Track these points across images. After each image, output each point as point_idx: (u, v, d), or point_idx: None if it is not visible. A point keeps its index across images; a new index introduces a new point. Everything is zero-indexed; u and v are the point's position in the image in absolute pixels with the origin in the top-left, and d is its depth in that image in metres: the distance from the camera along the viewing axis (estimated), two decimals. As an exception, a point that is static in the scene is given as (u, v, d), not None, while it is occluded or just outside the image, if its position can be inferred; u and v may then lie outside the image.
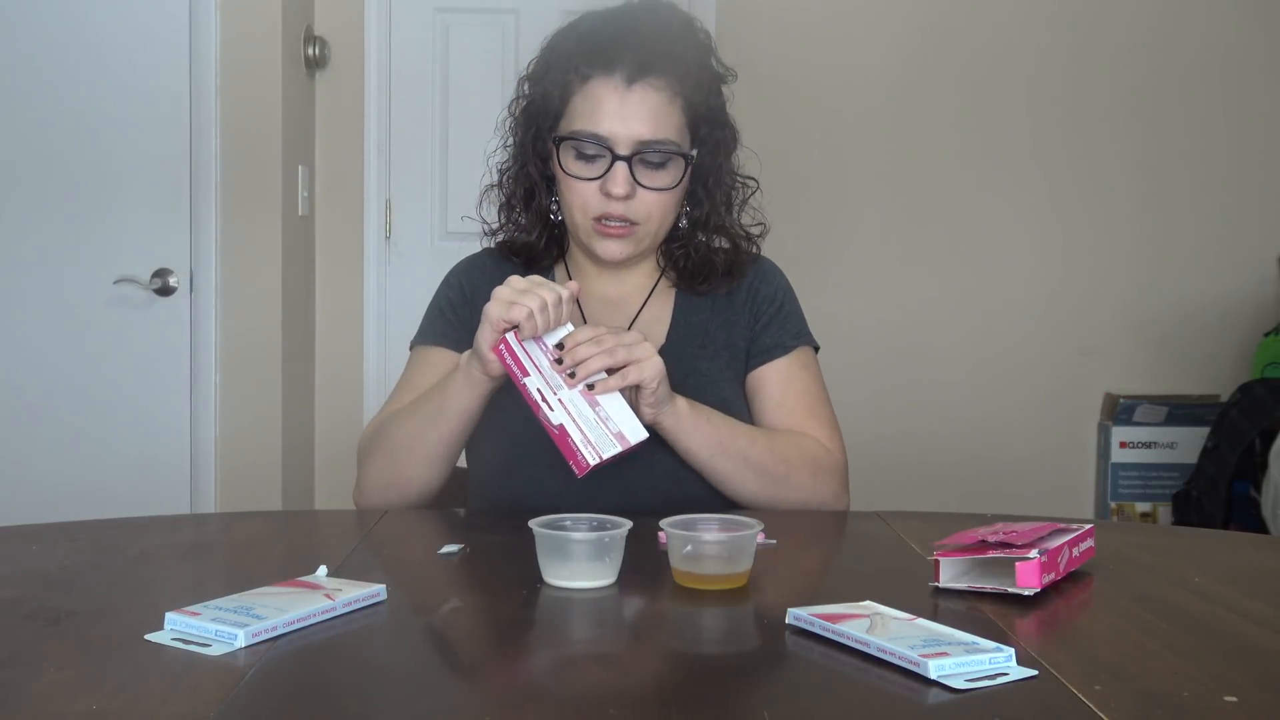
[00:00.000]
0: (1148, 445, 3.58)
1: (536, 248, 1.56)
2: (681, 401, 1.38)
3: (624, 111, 1.42)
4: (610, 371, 1.31)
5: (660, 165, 1.44)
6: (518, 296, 1.30)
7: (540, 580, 1.10)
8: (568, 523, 1.12)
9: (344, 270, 3.51)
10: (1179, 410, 3.57)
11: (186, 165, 3.07)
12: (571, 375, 1.30)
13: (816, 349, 1.59)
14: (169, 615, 0.95)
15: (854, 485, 1.54)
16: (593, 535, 1.09)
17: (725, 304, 1.55)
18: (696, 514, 1.14)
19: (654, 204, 1.45)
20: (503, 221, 1.58)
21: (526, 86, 1.53)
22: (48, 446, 3.08)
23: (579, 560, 1.08)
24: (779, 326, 1.54)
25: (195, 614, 0.95)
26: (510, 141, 1.56)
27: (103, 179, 3.06)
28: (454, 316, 1.55)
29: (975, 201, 3.61)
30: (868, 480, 1.53)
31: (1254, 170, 3.61)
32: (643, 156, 1.43)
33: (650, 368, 1.32)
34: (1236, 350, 3.62)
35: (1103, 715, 0.79)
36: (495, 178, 1.58)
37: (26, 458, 3.07)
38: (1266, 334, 3.51)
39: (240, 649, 0.90)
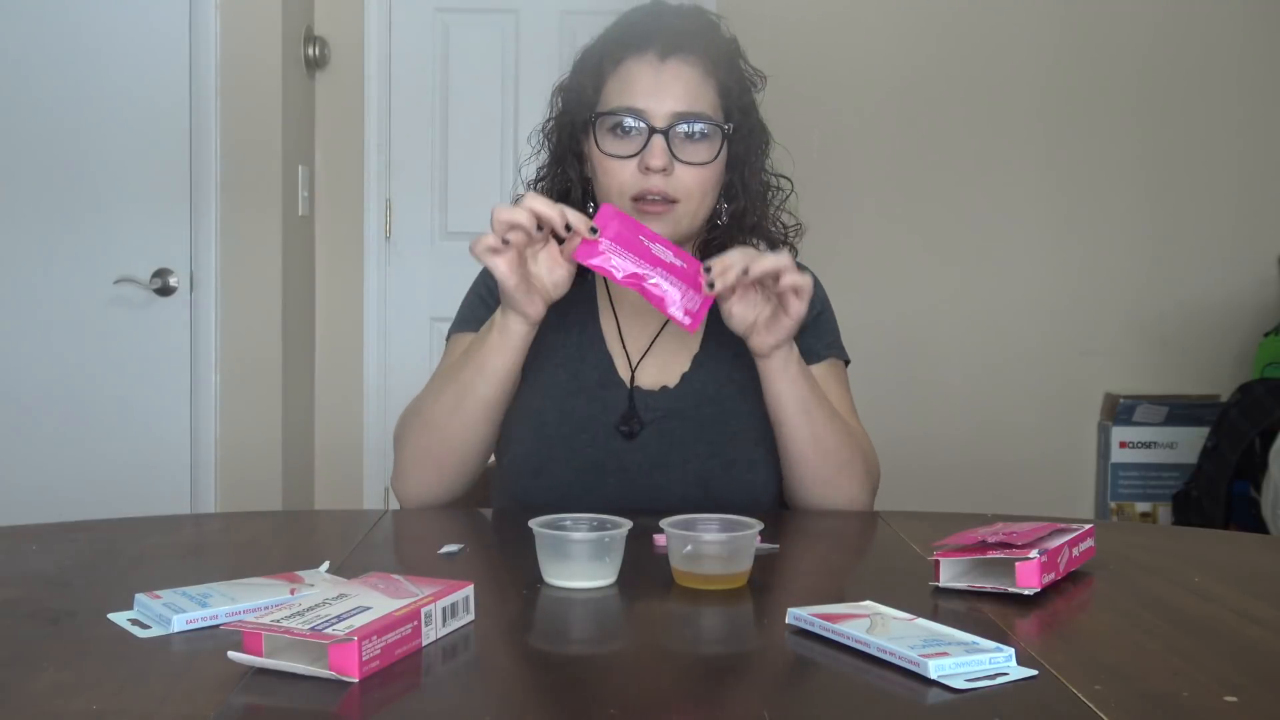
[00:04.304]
0: (1148, 445, 3.58)
1: None
2: (794, 351, 1.38)
3: (659, 85, 1.42)
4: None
5: (697, 139, 1.43)
6: (510, 209, 1.29)
7: (540, 580, 1.10)
8: (568, 523, 1.12)
9: (344, 270, 3.51)
10: (1179, 410, 3.57)
11: (186, 165, 3.08)
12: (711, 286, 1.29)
13: (847, 363, 1.58)
14: (137, 596, 0.98)
15: (854, 485, 1.54)
16: (593, 535, 1.09)
17: None
18: (696, 514, 1.14)
19: (692, 180, 1.43)
20: None
21: (560, 97, 1.53)
22: (48, 446, 3.08)
23: (579, 560, 1.08)
24: (813, 335, 1.53)
25: (157, 596, 0.98)
26: (544, 149, 1.55)
27: (103, 179, 3.06)
28: (494, 302, 1.51)
29: (976, 202, 3.61)
30: (868, 480, 1.55)
31: (1254, 171, 3.62)
32: (679, 130, 1.42)
33: (798, 308, 1.32)
34: (1236, 350, 3.62)
35: (1103, 715, 0.79)
36: (527, 188, 1.55)
37: (26, 458, 3.07)
38: (1266, 334, 3.51)
39: (174, 633, 0.93)
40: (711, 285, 1.29)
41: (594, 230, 1.29)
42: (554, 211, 1.28)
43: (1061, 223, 3.62)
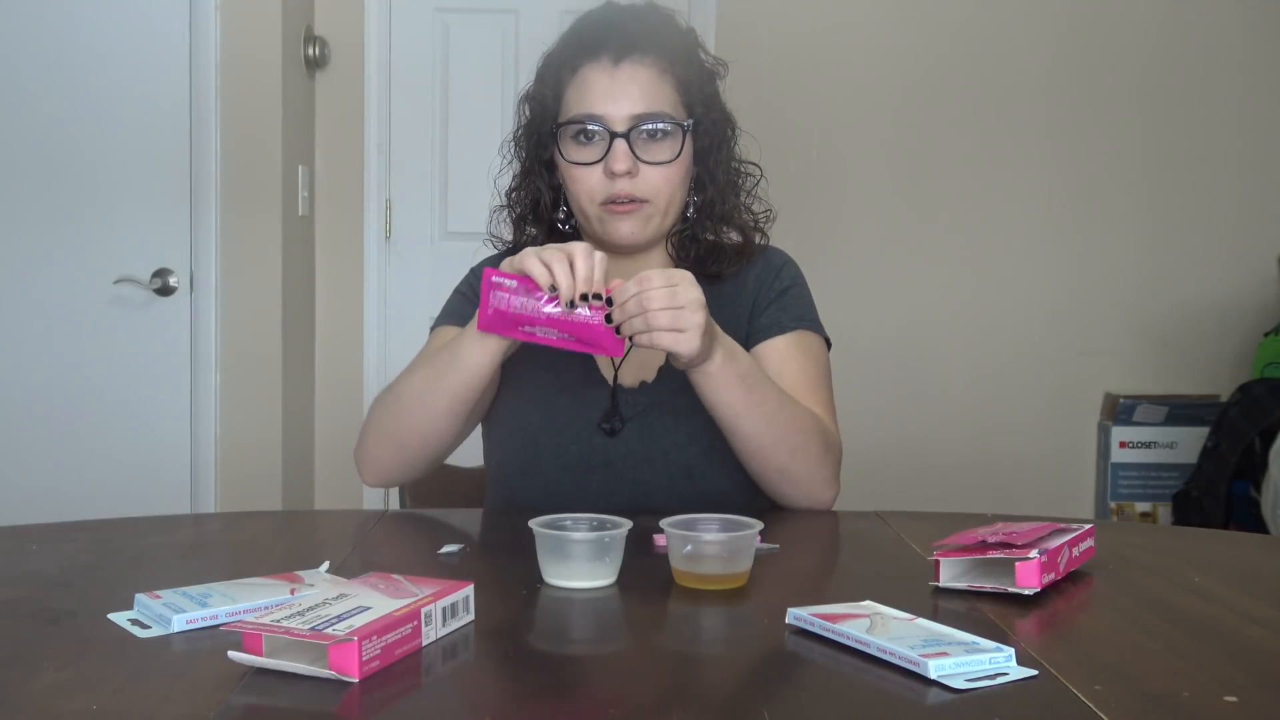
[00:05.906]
0: (1148, 445, 3.58)
1: None
2: (714, 363, 1.31)
3: (614, 89, 1.44)
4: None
5: (659, 139, 1.45)
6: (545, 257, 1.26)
7: (540, 580, 1.10)
8: (568, 523, 1.12)
9: (344, 270, 3.51)
10: (1179, 410, 3.57)
11: (186, 165, 3.08)
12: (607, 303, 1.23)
13: (828, 344, 1.56)
14: (137, 596, 0.99)
15: (854, 485, 1.54)
16: (592, 535, 1.09)
17: (733, 299, 1.54)
18: (696, 514, 1.14)
19: (659, 178, 1.45)
20: (515, 237, 1.59)
21: (526, 106, 1.55)
22: (48, 446, 3.08)
23: (579, 560, 1.08)
24: (779, 309, 1.53)
25: (157, 596, 0.98)
26: (514, 161, 1.57)
27: (103, 179, 3.06)
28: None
29: (977, 202, 3.61)
30: (868, 479, 1.53)
31: (1254, 171, 3.62)
32: (640, 130, 1.44)
33: (688, 344, 1.24)
34: (1236, 350, 3.62)
35: (1103, 715, 0.79)
36: (502, 200, 1.58)
37: (26, 458, 3.07)
38: (1266, 334, 3.51)
39: (174, 633, 0.94)
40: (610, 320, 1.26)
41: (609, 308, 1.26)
42: (586, 273, 1.24)
43: (1061, 223, 3.62)
